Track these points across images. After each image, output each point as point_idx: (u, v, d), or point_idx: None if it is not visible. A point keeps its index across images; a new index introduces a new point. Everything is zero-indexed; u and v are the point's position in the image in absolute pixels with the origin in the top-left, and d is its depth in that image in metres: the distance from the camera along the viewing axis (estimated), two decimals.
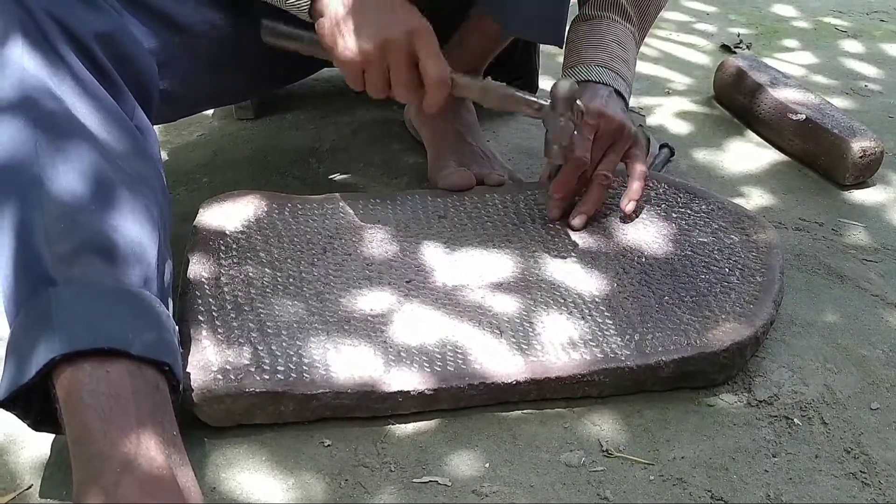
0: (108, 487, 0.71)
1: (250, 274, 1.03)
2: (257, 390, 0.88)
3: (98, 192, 0.85)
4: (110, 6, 0.97)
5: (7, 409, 0.79)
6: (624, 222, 1.17)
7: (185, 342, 0.92)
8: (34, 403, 0.81)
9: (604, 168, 1.14)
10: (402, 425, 0.92)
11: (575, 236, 1.15)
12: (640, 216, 1.18)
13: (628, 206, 1.14)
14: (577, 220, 1.14)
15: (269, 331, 0.95)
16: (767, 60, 1.83)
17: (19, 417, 0.81)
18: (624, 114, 1.15)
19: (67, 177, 0.84)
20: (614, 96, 1.16)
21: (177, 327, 0.87)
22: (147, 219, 0.88)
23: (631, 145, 1.16)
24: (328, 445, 0.90)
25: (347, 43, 0.99)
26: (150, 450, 0.74)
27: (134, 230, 0.86)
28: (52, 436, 0.89)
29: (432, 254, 1.10)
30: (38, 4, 0.89)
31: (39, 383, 0.77)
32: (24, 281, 0.81)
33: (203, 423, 0.89)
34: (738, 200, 1.35)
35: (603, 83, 1.16)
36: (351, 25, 0.99)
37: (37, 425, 0.83)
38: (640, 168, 1.16)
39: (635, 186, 1.15)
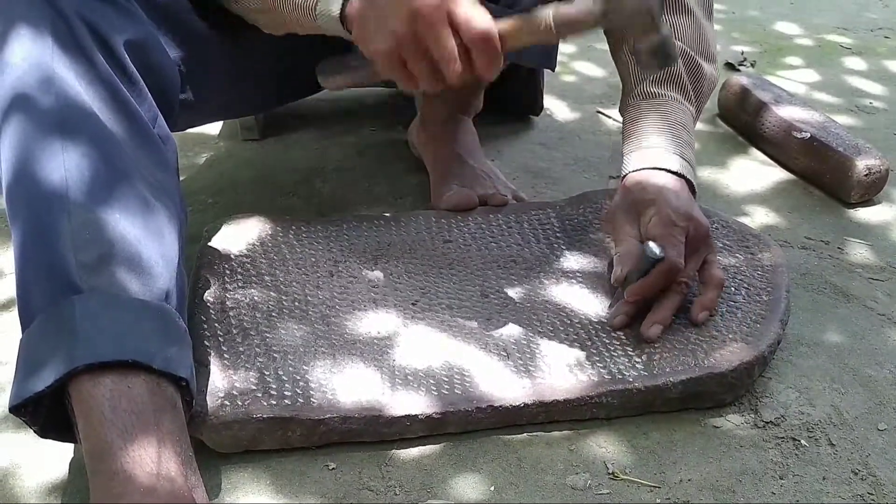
0: None
1: (256, 298, 1.04)
2: (265, 416, 0.88)
3: (124, 201, 0.84)
4: (140, 14, 0.97)
5: (16, 415, 0.78)
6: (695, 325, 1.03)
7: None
8: (43, 410, 0.80)
9: (683, 275, 1.02)
10: (407, 448, 0.92)
11: (580, 256, 1.15)
12: None
13: (701, 317, 1.02)
14: (653, 331, 1.00)
15: (275, 355, 0.95)
16: (771, 78, 1.83)
17: (27, 423, 0.80)
18: (705, 217, 1.07)
19: (94, 184, 0.83)
20: (689, 192, 1.08)
21: (191, 342, 0.87)
22: (169, 230, 0.88)
23: (709, 251, 1.06)
24: (333, 469, 0.90)
25: (376, 33, 0.89)
26: (172, 471, 0.74)
27: (157, 242, 0.85)
28: (57, 460, 0.90)
29: (437, 276, 1.10)
30: (70, 8, 0.89)
31: (53, 391, 0.76)
32: (46, 286, 0.80)
33: (207, 446, 0.89)
34: (742, 219, 1.34)
35: (675, 173, 1.07)
36: (380, 12, 0.89)
37: (44, 432, 0.82)
38: (717, 277, 1.04)
39: (712, 296, 1.03)
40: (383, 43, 0.89)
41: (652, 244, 0.97)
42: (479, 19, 0.86)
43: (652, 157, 1.08)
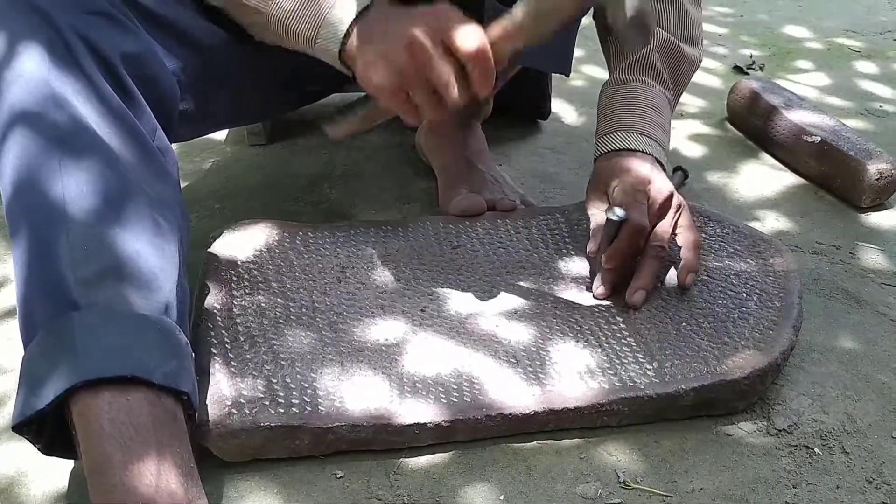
0: None
1: (263, 304, 1.03)
2: (272, 424, 0.87)
3: (122, 215, 0.84)
4: (136, 26, 0.97)
5: (19, 433, 0.78)
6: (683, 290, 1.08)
7: (198, 374, 0.91)
8: (46, 428, 0.79)
9: (656, 239, 1.07)
10: (416, 457, 0.91)
11: (588, 262, 1.14)
12: None
13: (688, 279, 1.07)
14: (637, 297, 1.05)
15: (282, 362, 0.94)
16: (780, 82, 1.82)
17: (31, 441, 0.80)
18: (670, 182, 1.12)
19: (92, 199, 0.83)
20: (657, 165, 1.12)
21: (193, 355, 0.86)
22: (169, 243, 0.88)
23: (680, 214, 1.10)
24: (340, 477, 0.89)
25: (377, 69, 0.93)
26: (171, 483, 0.74)
27: (157, 255, 0.85)
28: (63, 469, 0.89)
29: (445, 281, 1.10)
30: (66, 22, 0.88)
31: (54, 408, 0.76)
32: (46, 303, 0.79)
33: (214, 455, 0.88)
34: (753, 224, 1.34)
35: (642, 152, 1.13)
36: (378, 49, 0.93)
37: (48, 450, 0.81)
38: (692, 238, 1.08)
39: (691, 257, 1.07)
40: (386, 78, 0.93)
41: (615, 208, 1.04)
42: (472, 36, 0.90)
43: (618, 139, 1.15)
